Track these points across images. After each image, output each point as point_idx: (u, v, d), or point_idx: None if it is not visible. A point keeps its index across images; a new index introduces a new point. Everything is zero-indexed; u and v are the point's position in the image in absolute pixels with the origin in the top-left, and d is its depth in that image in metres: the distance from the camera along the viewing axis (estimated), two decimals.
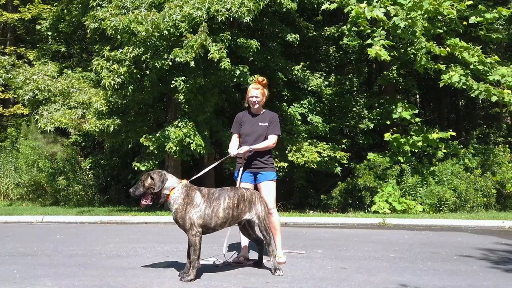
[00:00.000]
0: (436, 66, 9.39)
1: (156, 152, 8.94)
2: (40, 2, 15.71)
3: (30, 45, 16.67)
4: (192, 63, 8.05)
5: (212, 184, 10.39)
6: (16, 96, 10.93)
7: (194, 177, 4.20)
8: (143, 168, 9.33)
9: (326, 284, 3.61)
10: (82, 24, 10.35)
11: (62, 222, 8.14)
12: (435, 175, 9.91)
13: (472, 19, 9.82)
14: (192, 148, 8.58)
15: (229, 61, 8.28)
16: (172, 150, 8.56)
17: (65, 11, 12.36)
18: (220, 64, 8.17)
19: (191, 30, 8.26)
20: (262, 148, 4.44)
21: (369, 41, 9.42)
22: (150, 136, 8.91)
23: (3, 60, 10.15)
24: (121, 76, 8.64)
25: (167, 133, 8.71)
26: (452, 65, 9.69)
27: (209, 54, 8.06)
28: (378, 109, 10.99)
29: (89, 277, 3.82)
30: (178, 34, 8.36)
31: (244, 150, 4.35)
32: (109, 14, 8.47)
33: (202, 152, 8.77)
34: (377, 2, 9.48)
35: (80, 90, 9.91)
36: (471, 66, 9.37)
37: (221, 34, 8.44)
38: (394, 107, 10.35)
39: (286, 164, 9.70)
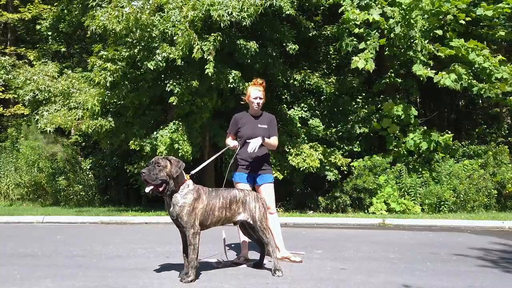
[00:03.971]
0: (430, 73, 9.37)
1: (151, 153, 8.95)
2: (40, 2, 15.71)
3: (30, 45, 16.68)
4: (179, 61, 8.05)
5: (212, 186, 10.39)
6: (16, 96, 10.96)
7: (194, 171, 4.18)
8: (135, 171, 9.33)
9: (325, 285, 3.62)
10: (82, 24, 10.37)
11: (62, 223, 8.17)
12: (434, 175, 9.91)
13: (480, 11, 9.80)
14: (179, 154, 8.58)
15: (215, 65, 8.19)
16: (163, 155, 8.58)
17: (65, 11, 12.36)
18: (206, 67, 8.12)
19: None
20: (269, 145, 4.50)
21: (362, 44, 9.46)
22: (140, 140, 8.92)
23: (4, 61, 10.18)
24: (114, 74, 8.64)
25: (158, 137, 8.73)
26: (456, 64, 9.64)
27: (193, 53, 8.03)
28: (379, 111, 10.96)
29: (89, 278, 3.83)
30: (173, 34, 8.36)
31: (256, 142, 4.29)
32: (108, 15, 8.49)
33: (188, 158, 8.76)
34: (374, 2, 9.52)
35: (80, 91, 9.92)
36: (476, 65, 9.34)
37: (212, 34, 8.33)
38: (391, 108, 10.34)
39: (281, 177, 9.60)
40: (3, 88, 15.45)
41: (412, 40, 9.30)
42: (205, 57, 8.11)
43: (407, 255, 4.91)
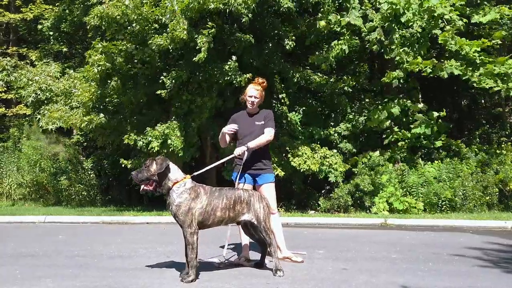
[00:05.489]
0: (395, 82, 9.54)
1: (145, 149, 8.94)
2: (42, 2, 15.76)
3: (32, 46, 16.72)
4: (165, 43, 8.06)
5: (213, 185, 10.36)
6: (18, 96, 10.98)
7: (196, 173, 4.19)
8: (130, 165, 9.33)
9: (326, 285, 3.61)
10: (84, 24, 10.38)
11: (64, 222, 8.16)
12: (436, 174, 9.87)
13: (475, 18, 9.76)
14: (170, 150, 8.56)
15: (210, 57, 8.19)
16: (155, 150, 8.57)
17: (66, 11, 12.38)
18: (197, 58, 8.09)
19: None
20: (259, 144, 4.39)
21: (334, 42, 9.71)
22: (135, 135, 8.92)
23: (5, 62, 10.21)
24: (101, 66, 8.63)
25: (150, 132, 8.74)
26: (451, 60, 9.60)
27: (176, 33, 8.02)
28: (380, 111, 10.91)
29: (90, 278, 3.83)
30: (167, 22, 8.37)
31: (239, 151, 4.31)
32: (107, 4, 8.51)
33: (179, 153, 8.73)
34: (358, 3, 9.58)
35: (82, 90, 9.93)
36: (478, 61, 9.29)
37: (207, 25, 8.27)
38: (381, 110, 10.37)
39: (282, 173, 9.57)
40: (5, 88, 15.49)
41: (390, 47, 9.39)
42: (199, 47, 8.09)
43: (408, 255, 4.89)
